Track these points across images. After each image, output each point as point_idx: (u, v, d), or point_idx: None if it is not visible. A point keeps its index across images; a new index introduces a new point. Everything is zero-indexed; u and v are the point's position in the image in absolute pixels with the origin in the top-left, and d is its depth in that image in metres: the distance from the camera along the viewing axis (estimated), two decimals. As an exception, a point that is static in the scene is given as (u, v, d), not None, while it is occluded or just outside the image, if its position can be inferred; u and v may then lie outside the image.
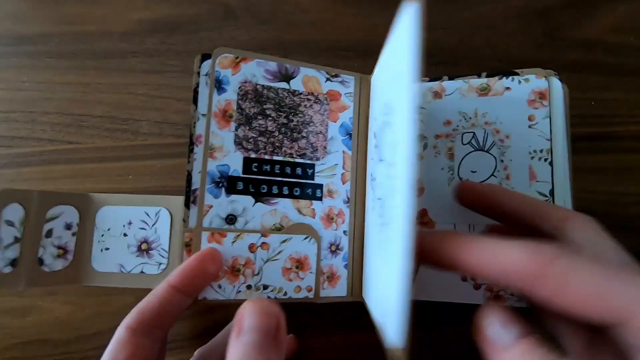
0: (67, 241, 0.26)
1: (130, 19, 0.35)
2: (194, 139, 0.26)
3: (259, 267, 0.25)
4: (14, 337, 0.31)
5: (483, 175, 0.28)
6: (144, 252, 0.27)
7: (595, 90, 0.34)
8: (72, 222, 0.27)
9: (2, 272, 0.24)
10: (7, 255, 0.24)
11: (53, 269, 0.26)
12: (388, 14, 0.35)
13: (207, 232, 0.25)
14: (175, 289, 0.22)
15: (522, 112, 0.28)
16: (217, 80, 0.26)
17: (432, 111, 0.29)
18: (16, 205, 0.25)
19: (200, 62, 0.27)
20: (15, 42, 0.35)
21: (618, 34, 0.35)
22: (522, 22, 0.35)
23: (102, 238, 0.27)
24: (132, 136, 0.33)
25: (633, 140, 0.33)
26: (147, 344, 0.22)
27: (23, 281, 0.25)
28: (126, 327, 0.22)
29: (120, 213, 0.27)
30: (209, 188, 0.25)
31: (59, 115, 0.34)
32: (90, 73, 0.34)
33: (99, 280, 0.27)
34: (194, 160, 0.26)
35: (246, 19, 0.35)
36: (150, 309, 0.22)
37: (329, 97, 0.28)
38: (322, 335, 0.31)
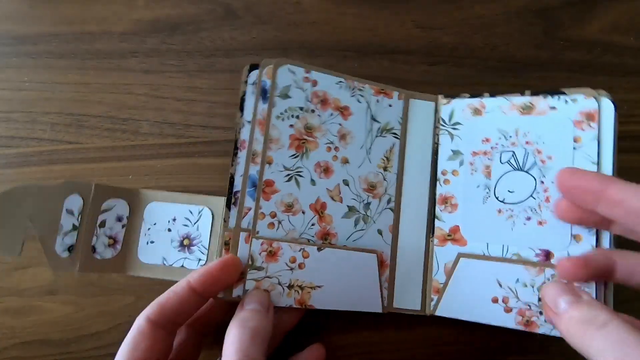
0: (117, 232, 0.28)
1: (130, 19, 0.35)
2: (238, 144, 0.27)
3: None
4: (14, 337, 0.31)
5: (521, 196, 0.27)
6: (186, 248, 0.28)
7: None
8: (122, 215, 0.29)
9: (61, 257, 0.26)
10: (66, 241, 0.26)
11: (104, 257, 0.28)
12: (388, 14, 0.35)
13: (245, 233, 0.26)
14: (193, 290, 0.24)
15: (567, 133, 0.27)
16: (263, 89, 0.28)
17: (471, 128, 0.29)
18: (76, 195, 0.27)
19: (248, 72, 0.28)
20: (15, 42, 0.35)
21: (618, 34, 0.35)
22: (522, 22, 0.35)
23: (149, 232, 0.29)
24: (132, 136, 0.33)
25: (633, 140, 0.33)
26: (164, 336, 0.23)
27: (77, 266, 0.27)
28: (146, 319, 0.23)
29: (166, 209, 0.29)
30: (249, 191, 0.27)
31: (59, 115, 0.34)
32: (90, 73, 0.34)
33: (144, 271, 0.28)
34: (237, 164, 0.27)
35: (246, 19, 0.35)
36: (170, 305, 0.23)
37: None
38: (317, 335, 0.31)
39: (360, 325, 0.31)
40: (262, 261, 0.26)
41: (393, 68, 0.34)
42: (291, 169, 0.28)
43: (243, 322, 0.23)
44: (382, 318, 0.31)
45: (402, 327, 0.31)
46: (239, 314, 0.24)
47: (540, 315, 0.26)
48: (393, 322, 0.31)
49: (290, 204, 0.27)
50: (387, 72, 0.34)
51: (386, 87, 0.30)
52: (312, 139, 0.28)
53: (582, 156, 0.26)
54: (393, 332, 0.31)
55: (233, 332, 0.23)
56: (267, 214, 0.27)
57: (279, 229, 0.27)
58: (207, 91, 0.34)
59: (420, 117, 0.30)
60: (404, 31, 0.35)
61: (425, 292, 0.29)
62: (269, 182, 0.27)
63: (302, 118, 0.28)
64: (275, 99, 0.28)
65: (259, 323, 0.23)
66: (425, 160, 0.30)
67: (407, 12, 0.35)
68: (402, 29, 0.35)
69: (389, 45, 0.35)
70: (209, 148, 0.33)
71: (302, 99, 0.28)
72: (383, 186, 0.29)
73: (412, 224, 0.29)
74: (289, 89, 0.28)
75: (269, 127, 0.27)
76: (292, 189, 0.28)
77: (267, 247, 0.26)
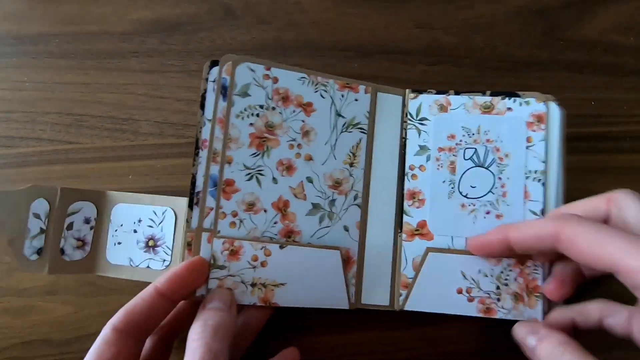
0: (85, 234, 0.29)
1: (130, 19, 0.35)
2: (199, 143, 0.27)
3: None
4: (14, 337, 0.31)
5: (481, 191, 0.29)
6: (151, 249, 0.29)
7: (595, 90, 0.34)
8: (90, 217, 0.29)
9: (30, 259, 0.27)
10: (34, 244, 0.27)
11: (73, 259, 0.28)
12: (388, 14, 0.35)
13: (207, 233, 0.26)
14: (161, 294, 0.24)
15: (521, 133, 0.29)
16: (223, 87, 0.28)
17: (437, 124, 0.30)
18: (42, 200, 0.27)
19: (209, 68, 0.28)
20: (15, 42, 0.35)
21: (618, 34, 0.35)
22: (522, 22, 0.35)
23: (116, 233, 0.29)
24: (132, 136, 0.33)
25: (633, 140, 0.33)
26: (132, 344, 0.23)
27: (46, 267, 0.27)
28: (112, 327, 0.23)
29: (132, 211, 0.29)
30: (211, 191, 0.27)
31: (59, 115, 0.34)
32: (90, 73, 0.34)
33: (112, 271, 0.29)
34: (198, 164, 0.27)
35: (246, 19, 0.35)
36: (137, 312, 0.23)
37: None
38: (319, 335, 0.31)
39: (361, 325, 0.31)
40: (225, 260, 0.26)
41: (393, 68, 0.34)
42: (252, 167, 0.28)
43: (204, 321, 0.23)
44: (381, 318, 0.31)
45: (402, 326, 0.31)
46: (201, 313, 0.24)
47: (498, 301, 0.27)
48: (393, 322, 0.31)
49: (251, 203, 0.27)
50: (387, 72, 0.34)
51: (352, 81, 0.30)
52: (273, 137, 0.28)
53: (532, 155, 0.28)
54: (393, 332, 0.31)
55: (195, 329, 0.23)
56: (228, 214, 0.27)
57: (240, 228, 0.27)
58: (207, 91, 0.34)
59: (388, 111, 0.30)
60: (404, 31, 0.35)
61: (394, 287, 0.29)
62: (229, 181, 0.27)
63: (262, 116, 0.28)
64: (234, 97, 0.27)
65: (220, 320, 0.23)
66: (393, 155, 0.30)
67: (407, 12, 0.35)
68: (402, 29, 0.35)
69: (389, 45, 0.35)
70: (209, 148, 0.33)
71: (262, 97, 0.28)
72: (349, 182, 0.29)
73: (380, 219, 0.29)
74: (248, 87, 0.28)
75: (228, 126, 0.27)
76: (254, 188, 0.27)
77: (228, 246, 0.26)
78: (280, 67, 0.29)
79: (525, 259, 0.27)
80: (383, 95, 0.30)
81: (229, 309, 0.24)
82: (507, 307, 0.27)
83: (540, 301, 0.27)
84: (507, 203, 0.28)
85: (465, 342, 0.31)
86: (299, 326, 0.31)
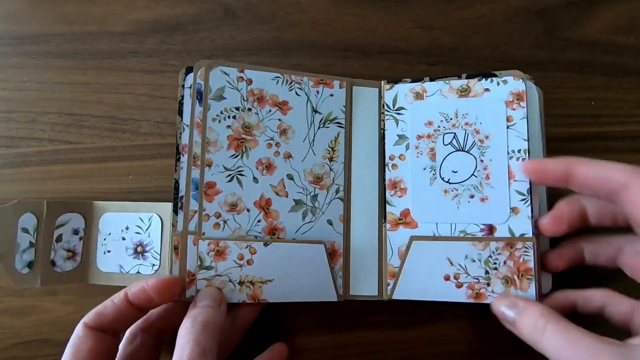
0: (75, 245, 0.29)
1: (130, 19, 0.35)
2: (180, 148, 0.28)
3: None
4: (14, 337, 0.31)
5: (464, 175, 0.29)
6: (140, 255, 0.30)
7: (595, 90, 0.34)
8: (79, 228, 0.30)
9: (21, 273, 0.27)
10: (25, 258, 0.27)
11: (64, 270, 0.29)
12: (388, 14, 0.35)
13: (192, 236, 0.27)
14: (129, 303, 0.25)
15: (501, 113, 0.29)
16: (199, 92, 0.28)
17: (414, 112, 0.30)
18: (29, 214, 0.28)
19: (184, 75, 0.29)
20: (15, 42, 0.35)
21: (618, 34, 0.35)
22: (522, 22, 0.35)
23: (105, 242, 0.30)
24: (132, 136, 0.33)
25: (633, 140, 0.33)
26: (105, 339, 0.24)
27: (38, 280, 0.28)
28: (84, 324, 0.24)
29: (119, 219, 0.30)
30: (193, 195, 0.27)
31: (59, 115, 0.34)
32: (90, 73, 0.34)
33: (103, 279, 0.30)
34: (180, 169, 0.28)
35: (246, 19, 0.35)
36: (107, 313, 0.24)
37: None
38: (320, 335, 0.31)
39: (360, 325, 0.31)
40: (211, 261, 0.27)
41: (393, 68, 0.34)
42: (232, 169, 0.28)
43: (194, 318, 0.24)
44: (381, 318, 0.31)
45: (401, 326, 0.31)
46: (191, 310, 0.25)
47: (488, 286, 0.27)
48: (393, 322, 0.31)
49: (234, 203, 0.28)
50: (387, 72, 0.34)
51: (326, 77, 0.31)
52: (251, 137, 0.29)
53: (514, 134, 0.28)
54: (392, 332, 0.31)
55: (184, 325, 0.23)
56: (211, 215, 0.27)
57: (224, 229, 0.28)
58: (207, 91, 0.34)
59: (365, 104, 0.31)
60: (404, 31, 0.35)
61: (382, 277, 0.29)
62: (211, 184, 0.28)
63: (239, 118, 0.29)
64: (210, 101, 0.28)
65: (209, 316, 0.24)
66: (373, 146, 0.31)
67: (407, 12, 0.35)
68: (402, 29, 0.35)
69: (389, 45, 0.35)
70: (209, 148, 0.33)
71: (237, 99, 0.29)
72: (330, 177, 0.30)
73: (364, 211, 0.30)
74: (223, 90, 0.28)
75: (206, 130, 0.28)
76: (235, 189, 0.28)
77: (214, 247, 0.27)
78: (253, 68, 0.29)
79: (515, 241, 0.27)
80: (359, 88, 0.31)
81: (218, 306, 0.25)
82: (498, 291, 0.27)
83: (534, 284, 0.27)
84: (491, 185, 0.28)
85: (465, 342, 0.31)
86: (298, 327, 0.31)
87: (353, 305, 0.31)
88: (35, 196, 0.32)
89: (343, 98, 0.31)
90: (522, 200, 0.28)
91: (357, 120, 0.31)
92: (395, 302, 0.29)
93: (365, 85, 0.31)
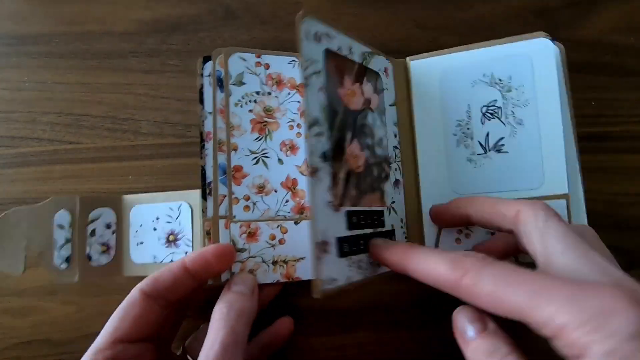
0: (108, 239, 0.30)
1: (130, 19, 0.35)
2: (203, 136, 0.28)
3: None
4: (14, 337, 0.31)
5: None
6: (172, 243, 0.30)
7: (595, 90, 0.34)
8: (110, 222, 0.30)
9: (60, 269, 0.28)
10: (62, 254, 0.28)
11: (100, 264, 0.30)
12: (388, 14, 0.35)
13: (224, 220, 0.27)
14: (186, 270, 0.25)
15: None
16: (219, 79, 0.29)
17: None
18: (63, 211, 0.28)
19: (202, 64, 0.29)
20: (15, 42, 0.35)
21: (618, 34, 0.35)
22: (522, 22, 0.35)
23: (137, 233, 0.30)
24: (132, 136, 0.33)
25: (633, 140, 0.33)
26: (155, 309, 0.25)
27: (76, 275, 0.28)
28: (140, 290, 0.24)
29: (149, 210, 0.31)
30: (221, 179, 0.28)
31: (59, 115, 0.34)
32: (90, 73, 0.34)
33: (138, 270, 0.30)
34: (205, 156, 0.28)
35: (246, 19, 0.35)
36: (163, 280, 0.25)
37: None
38: (320, 335, 0.31)
39: (360, 325, 0.31)
40: (244, 243, 0.27)
41: (393, 68, 0.34)
42: (257, 151, 0.29)
43: (230, 303, 0.24)
44: (381, 318, 0.31)
45: (402, 326, 0.31)
46: (226, 295, 0.25)
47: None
48: (393, 322, 0.31)
49: (261, 185, 0.28)
50: (387, 72, 0.34)
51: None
52: (273, 120, 0.29)
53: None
54: (392, 332, 0.31)
55: (220, 310, 0.24)
56: (240, 198, 0.28)
57: (254, 211, 0.28)
58: (207, 91, 0.34)
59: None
60: (404, 31, 0.35)
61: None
62: (238, 167, 0.28)
63: (259, 102, 0.29)
64: (231, 87, 0.29)
65: (244, 305, 0.24)
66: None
67: (407, 12, 0.35)
68: (402, 29, 0.35)
69: (389, 45, 0.35)
70: (209, 148, 0.33)
71: (257, 84, 0.29)
72: None
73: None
74: (242, 76, 0.29)
75: (229, 115, 0.28)
76: (261, 171, 0.29)
77: (245, 229, 0.28)
78: (270, 53, 0.30)
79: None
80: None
81: (251, 295, 0.25)
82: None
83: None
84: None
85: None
86: (297, 327, 0.31)
87: (353, 305, 0.31)
88: (35, 196, 0.32)
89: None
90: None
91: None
92: (395, 302, 0.29)
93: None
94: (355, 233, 0.25)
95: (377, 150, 0.29)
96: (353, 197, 0.26)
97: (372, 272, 0.26)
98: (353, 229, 0.25)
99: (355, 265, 0.25)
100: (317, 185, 0.23)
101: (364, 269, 0.25)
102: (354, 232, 0.25)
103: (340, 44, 0.27)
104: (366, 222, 0.26)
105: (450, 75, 0.30)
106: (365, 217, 0.26)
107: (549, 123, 0.28)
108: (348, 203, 0.25)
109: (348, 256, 0.24)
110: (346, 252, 0.24)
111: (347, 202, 0.25)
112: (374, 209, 0.27)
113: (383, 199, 0.28)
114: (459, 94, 0.30)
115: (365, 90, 0.29)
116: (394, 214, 0.29)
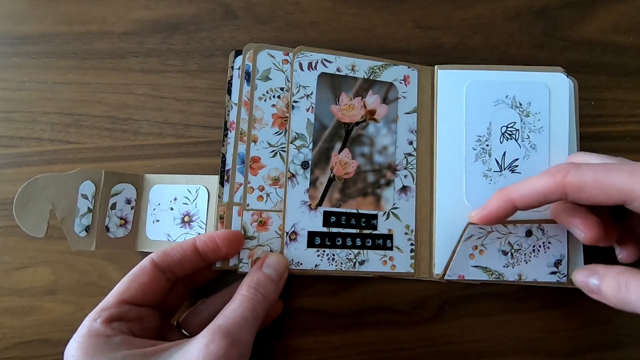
0: (127, 213, 0.31)
1: (130, 19, 0.35)
2: (227, 125, 0.30)
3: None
4: (14, 337, 0.31)
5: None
6: (186, 224, 0.31)
7: (595, 90, 0.34)
8: (131, 198, 0.31)
9: (79, 236, 0.29)
10: (83, 222, 0.29)
11: (116, 236, 0.30)
12: (388, 14, 0.35)
13: (237, 207, 0.29)
14: (196, 249, 0.26)
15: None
16: (247, 72, 0.30)
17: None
18: (89, 182, 0.29)
19: (234, 57, 0.31)
20: (15, 42, 0.35)
21: (618, 34, 0.35)
22: (522, 22, 0.35)
23: (154, 211, 0.31)
24: (132, 136, 0.33)
25: (633, 140, 0.33)
26: (162, 280, 0.26)
27: (93, 244, 0.29)
28: (151, 260, 0.26)
29: (168, 190, 0.32)
30: (239, 168, 0.29)
31: (59, 115, 0.34)
32: (90, 73, 0.34)
33: (151, 246, 0.31)
34: (227, 144, 0.30)
35: (246, 19, 0.35)
36: (173, 254, 0.26)
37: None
38: (319, 335, 0.31)
39: (360, 325, 0.31)
40: (254, 231, 0.29)
41: (393, 68, 0.34)
42: (275, 145, 0.30)
43: (259, 284, 0.26)
44: (381, 318, 0.31)
45: (401, 326, 0.31)
46: (257, 274, 0.26)
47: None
48: (393, 322, 0.31)
49: (276, 178, 0.30)
50: (387, 72, 0.34)
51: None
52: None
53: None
54: (392, 332, 0.31)
55: (249, 285, 0.25)
56: (255, 188, 0.29)
57: (267, 201, 0.29)
58: (207, 91, 0.34)
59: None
60: (404, 31, 0.35)
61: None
62: (256, 158, 0.29)
63: (283, 97, 0.30)
64: (257, 81, 0.30)
65: (270, 290, 0.26)
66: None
67: (407, 12, 0.35)
68: (402, 29, 0.35)
69: (389, 45, 0.35)
70: (208, 148, 0.33)
71: (282, 80, 0.31)
72: None
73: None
74: (269, 72, 0.30)
75: (253, 108, 0.30)
76: (278, 164, 0.30)
77: (257, 218, 0.29)
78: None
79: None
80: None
81: (278, 281, 0.27)
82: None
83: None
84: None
85: (465, 342, 0.31)
86: (297, 327, 0.31)
87: (353, 305, 0.31)
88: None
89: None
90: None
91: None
92: (395, 302, 0.29)
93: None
94: (333, 230, 0.29)
95: (376, 158, 0.31)
96: (336, 199, 0.30)
97: (349, 268, 0.29)
98: (329, 226, 0.29)
99: (328, 257, 0.29)
100: (293, 188, 0.29)
101: (339, 262, 0.29)
102: (331, 230, 0.29)
103: (339, 65, 0.31)
104: (348, 222, 0.30)
105: (476, 90, 0.31)
106: (348, 218, 0.30)
107: (558, 150, 0.30)
108: (328, 204, 0.30)
109: (319, 248, 0.29)
110: (317, 244, 0.29)
111: (327, 203, 0.30)
112: (362, 212, 0.30)
113: (379, 203, 0.30)
114: (483, 110, 0.31)
115: (367, 103, 0.31)
116: (394, 219, 0.30)
